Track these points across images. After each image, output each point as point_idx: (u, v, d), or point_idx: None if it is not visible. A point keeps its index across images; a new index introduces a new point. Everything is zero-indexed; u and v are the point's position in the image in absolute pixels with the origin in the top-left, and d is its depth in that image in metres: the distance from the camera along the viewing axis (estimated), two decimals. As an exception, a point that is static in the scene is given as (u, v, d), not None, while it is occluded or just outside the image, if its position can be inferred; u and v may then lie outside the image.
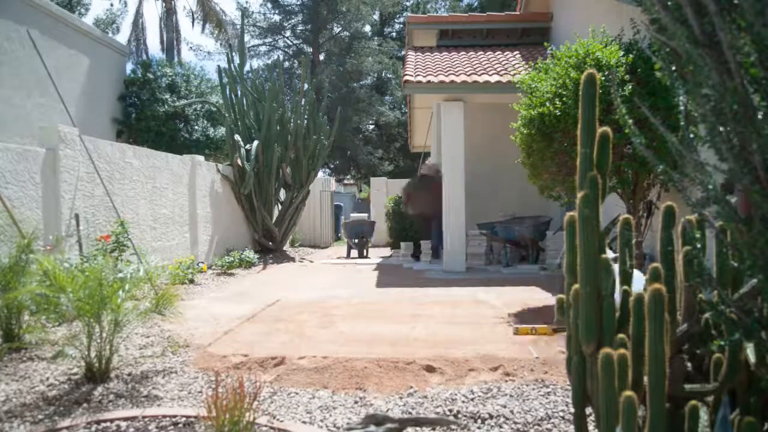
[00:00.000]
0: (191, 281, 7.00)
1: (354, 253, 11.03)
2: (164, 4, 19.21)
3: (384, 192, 14.36)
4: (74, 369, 3.27)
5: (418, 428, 2.56)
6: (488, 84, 7.91)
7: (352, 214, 13.74)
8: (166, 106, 12.58)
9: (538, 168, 5.16)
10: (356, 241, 11.03)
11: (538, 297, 5.88)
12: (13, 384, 3.11)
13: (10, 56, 9.12)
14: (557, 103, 4.71)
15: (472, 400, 2.92)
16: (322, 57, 24.52)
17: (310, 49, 24.40)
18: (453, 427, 2.57)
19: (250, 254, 8.91)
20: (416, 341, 4.02)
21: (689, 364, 1.71)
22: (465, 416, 2.67)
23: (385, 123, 24.27)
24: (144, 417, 2.62)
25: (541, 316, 4.88)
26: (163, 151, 7.92)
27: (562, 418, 2.65)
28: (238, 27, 16.95)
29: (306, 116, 10.72)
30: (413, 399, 2.94)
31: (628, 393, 1.39)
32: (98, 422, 2.57)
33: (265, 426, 2.53)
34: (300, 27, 25.14)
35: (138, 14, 20.13)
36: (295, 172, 10.76)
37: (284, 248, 11.12)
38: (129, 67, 14.47)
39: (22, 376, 3.23)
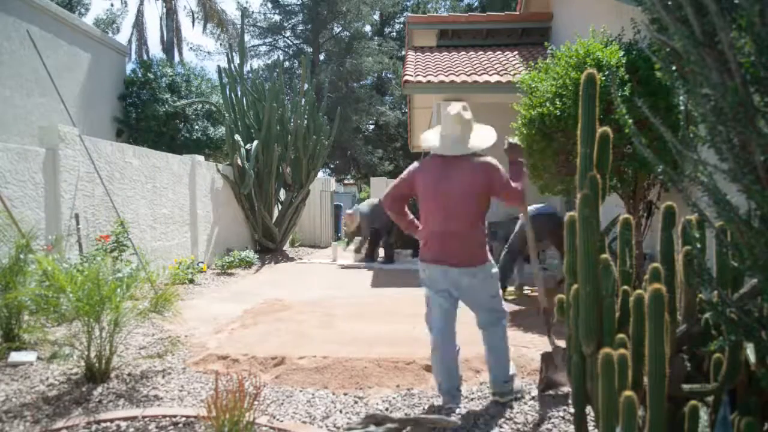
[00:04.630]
0: (191, 281, 7.00)
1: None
2: (165, 4, 19.21)
3: (384, 192, 14.34)
4: (74, 369, 3.26)
5: (418, 428, 2.56)
6: (488, 84, 7.90)
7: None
8: (166, 106, 12.58)
9: (538, 168, 5.16)
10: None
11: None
12: (13, 384, 3.11)
13: (10, 56, 9.12)
14: (557, 103, 4.71)
15: (472, 400, 2.92)
16: (322, 57, 24.51)
17: (310, 49, 24.40)
18: (453, 427, 2.57)
19: (250, 254, 8.90)
20: (416, 341, 4.02)
21: (689, 364, 1.71)
22: (465, 416, 2.67)
23: (385, 123, 24.26)
24: (144, 417, 2.62)
25: (541, 315, 4.87)
26: (163, 151, 7.91)
27: (562, 418, 2.65)
28: (239, 27, 16.94)
29: (306, 116, 10.71)
30: (413, 399, 2.93)
31: (628, 393, 1.39)
32: (98, 422, 2.57)
33: (265, 426, 2.53)
34: (300, 27, 25.14)
35: (139, 14, 20.15)
36: (295, 172, 10.75)
37: (284, 248, 11.12)
38: (129, 67, 14.49)
39: (22, 376, 3.23)
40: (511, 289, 5.91)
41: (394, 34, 26.85)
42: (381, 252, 9.78)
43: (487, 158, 2.80)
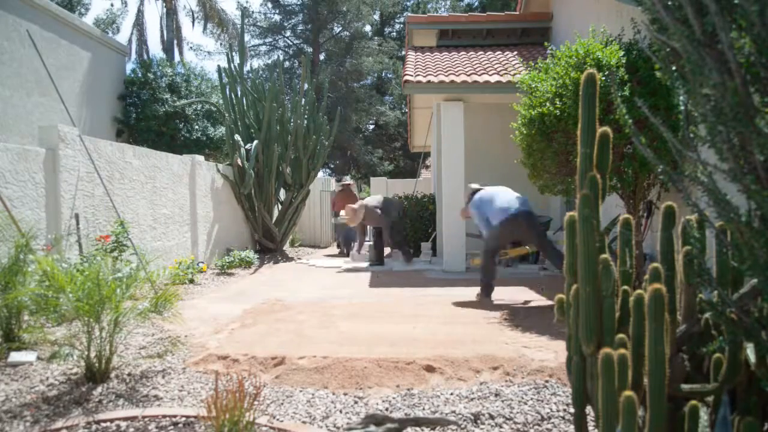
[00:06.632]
0: (191, 281, 7.00)
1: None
2: (165, 4, 19.21)
3: (384, 192, 14.35)
4: (74, 369, 3.27)
5: (418, 428, 2.56)
6: (488, 84, 7.90)
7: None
8: (166, 106, 12.58)
9: (538, 168, 5.16)
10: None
11: (537, 296, 5.88)
12: (13, 384, 3.11)
13: (10, 56, 9.13)
14: (557, 103, 4.71)
15: (472, 400, 2.92)
16: (322, 57, 24.52)
17: (310, 49, 24.41)
18: (453, 427, 2.57)
19: (250, 254, 8.90)
20: (416, 341, 4.02)
21: (689, 364, 1.71)
22: (465, 416, 2.67)
23: (385, 123, 24.26)
24: (144, 417, 2.62)
25: (540, 315, 4.88)
26: (163, 151, 7.92)
27: (562, 418, 2.65)
28: (239, 27, 16.94)
29: (306, 116, 10.71)
30: (413, 399, 2.93)
31: (628, 393, 1.39)
32: (98, 422, 2.57)
33: (265, 426, 2.53)
34: (300, 27, 25.16)
35: (139, 14, 20.15)
36: (295, 172, 10.75)
37: (284, 248, 11.12)
38: (129, 66, 14.50)
39: (22, 376, 3.23)
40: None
41: (394, 34, 26.86)
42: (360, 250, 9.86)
43: None
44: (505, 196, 5.71)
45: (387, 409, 2.80)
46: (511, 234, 5.62)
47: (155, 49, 45.65)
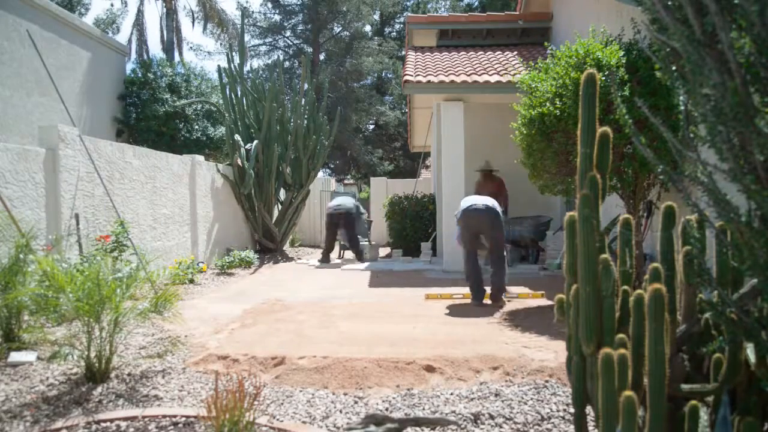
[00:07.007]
0: (191, 281, 7.00)
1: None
2: (165, 4, 19.20)
3: (384, 192, 14.34)
4: (74, 369, 3.27)
5: (418, 428, 2.56)
6: (488, 84, 7.90)
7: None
8: (166, 106, 12.57)
9: (538, 168, 5.16)
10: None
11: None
12: (13, 384, 3.11)
13: (10, 56, 9.12)
14: (557, 103, 4.71)
15: (472, 400, 2.92)
16: (322, 57, 24.51)
17: (310, 49, 24.39)
18: (453, 427, 2.57)
19: (250, 254, 8.90)
20: (416, 341, 4.02)
21: (689, 364, 1.71)
22: (465, 416, 2.67)
23: (385, 123, 24.25)
24: (144, 417, 2.62)
25: (540, 315, 4.88)
26: (163, 151, 7.91)
27: (562, 418, 2.65)
28: (239, 27, 16.94)
29: (306, 116, 10.71)
30: (413, 399, 2.93)
31: (628, 393, 1.39)
32: (98, 422, 2.57)
33: (265, 426, 2.53)
34: (300, 27, 25.14)
35: (139, 14, 20.15)
36: (295, 172, 10.75)
37: (284, 248, 11.11)
38: (129, 66, 14.49)
39: (22, 376, 3.23)
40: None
41: (394, 34, 26.85)
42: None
43: None
44: (471, 197, 5.74)
45: (387, 409, 2.80)
46: (474, 225, 5.54)
47: (155, 49, 45.61)
